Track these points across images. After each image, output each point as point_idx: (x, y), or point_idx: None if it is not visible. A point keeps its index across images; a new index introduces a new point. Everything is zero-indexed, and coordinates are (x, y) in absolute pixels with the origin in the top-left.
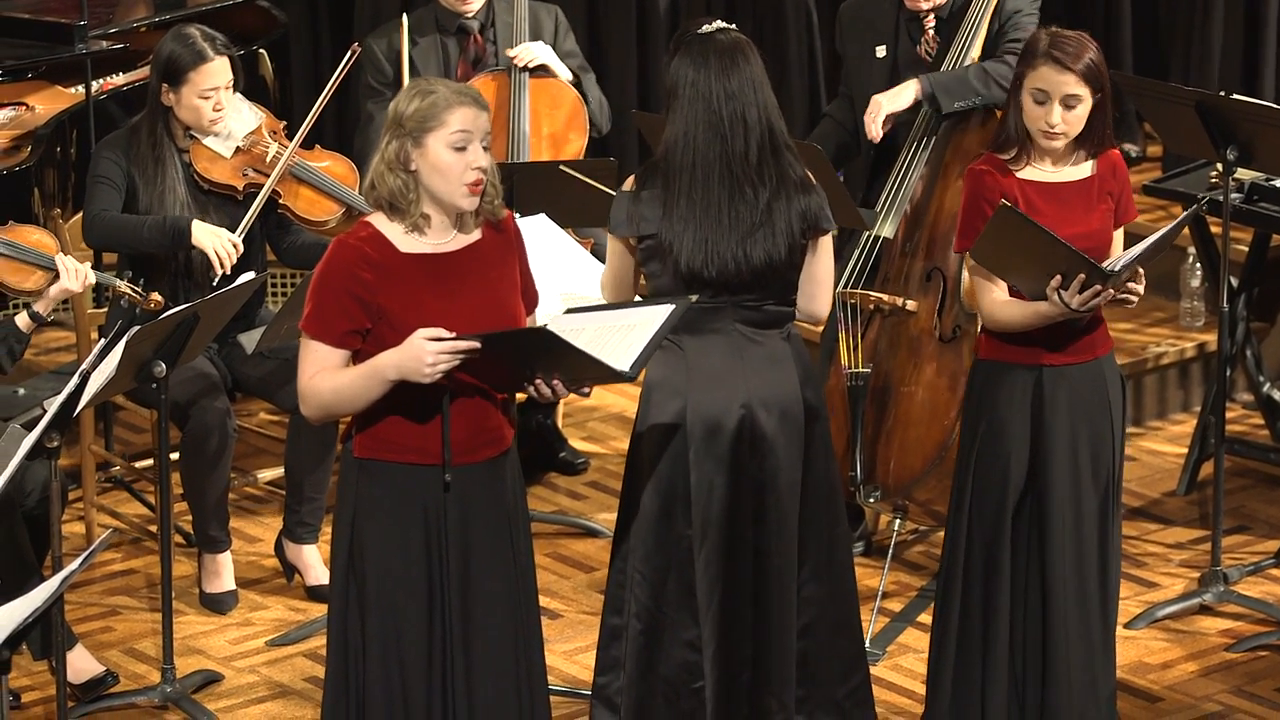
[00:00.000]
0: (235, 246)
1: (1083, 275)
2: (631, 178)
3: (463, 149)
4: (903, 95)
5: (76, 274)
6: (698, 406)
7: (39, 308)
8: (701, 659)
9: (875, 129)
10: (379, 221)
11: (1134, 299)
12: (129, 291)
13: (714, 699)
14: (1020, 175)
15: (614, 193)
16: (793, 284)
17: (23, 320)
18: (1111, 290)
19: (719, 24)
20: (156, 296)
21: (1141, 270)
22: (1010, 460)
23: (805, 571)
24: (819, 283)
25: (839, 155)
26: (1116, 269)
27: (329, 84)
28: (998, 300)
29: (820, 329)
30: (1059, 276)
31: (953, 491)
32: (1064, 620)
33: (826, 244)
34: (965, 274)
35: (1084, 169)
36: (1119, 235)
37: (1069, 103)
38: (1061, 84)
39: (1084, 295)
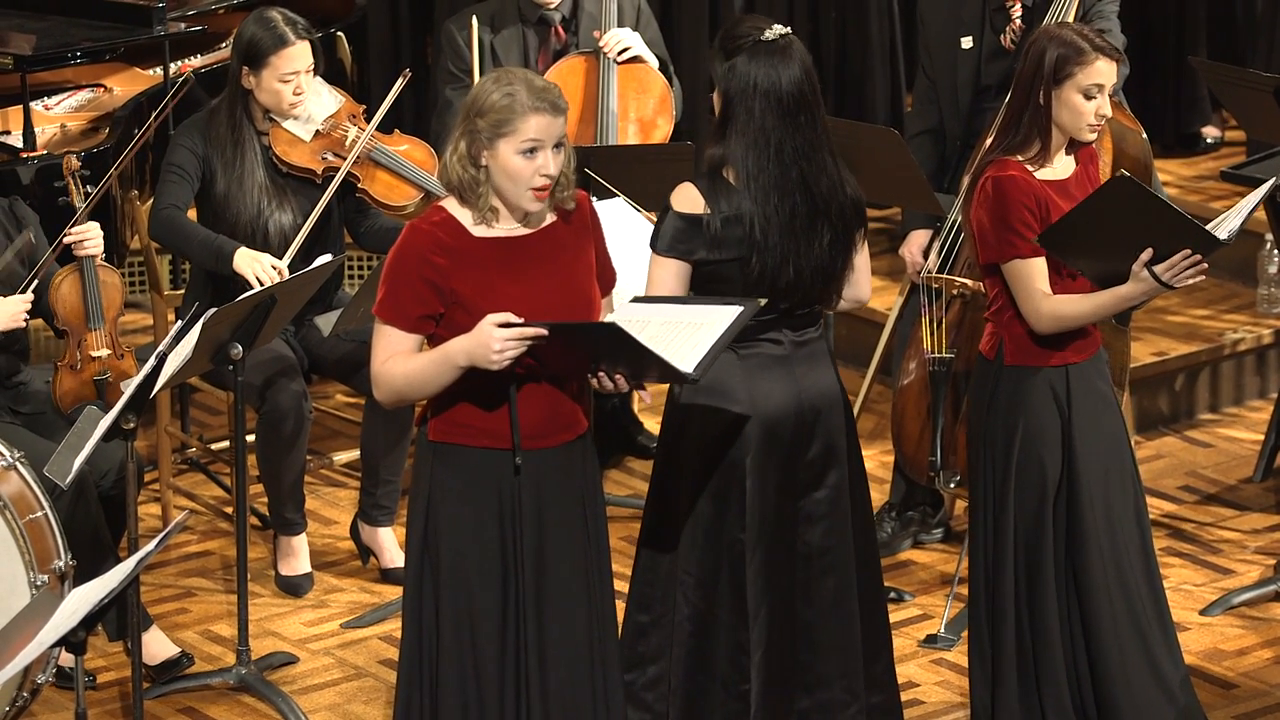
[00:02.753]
0: (279, 272)
1: (1187, 250)
2: (690, 194)
3: (532, 155)
4: None
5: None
6: (758, 413)
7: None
8: (749, 662)
9: None
10: (452, 206)
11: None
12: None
13: (757, 701)
14: (1039, 176)
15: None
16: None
17: None
18: (1205, 265)
19: (779, 29)
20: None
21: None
22: (1047, 461)
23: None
24: (861, 269)
25: (941, 169)
26: (1224, 237)
27: (388, 96)
28: (1054, 299)
29: (891, 313)
30: (1149, 251)
31: (987, 496)
32: (1111, 612)
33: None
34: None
35: (1071, 162)
36: None
37: (1112, 90)
38: (1113, 74)
39: (1181, 266)
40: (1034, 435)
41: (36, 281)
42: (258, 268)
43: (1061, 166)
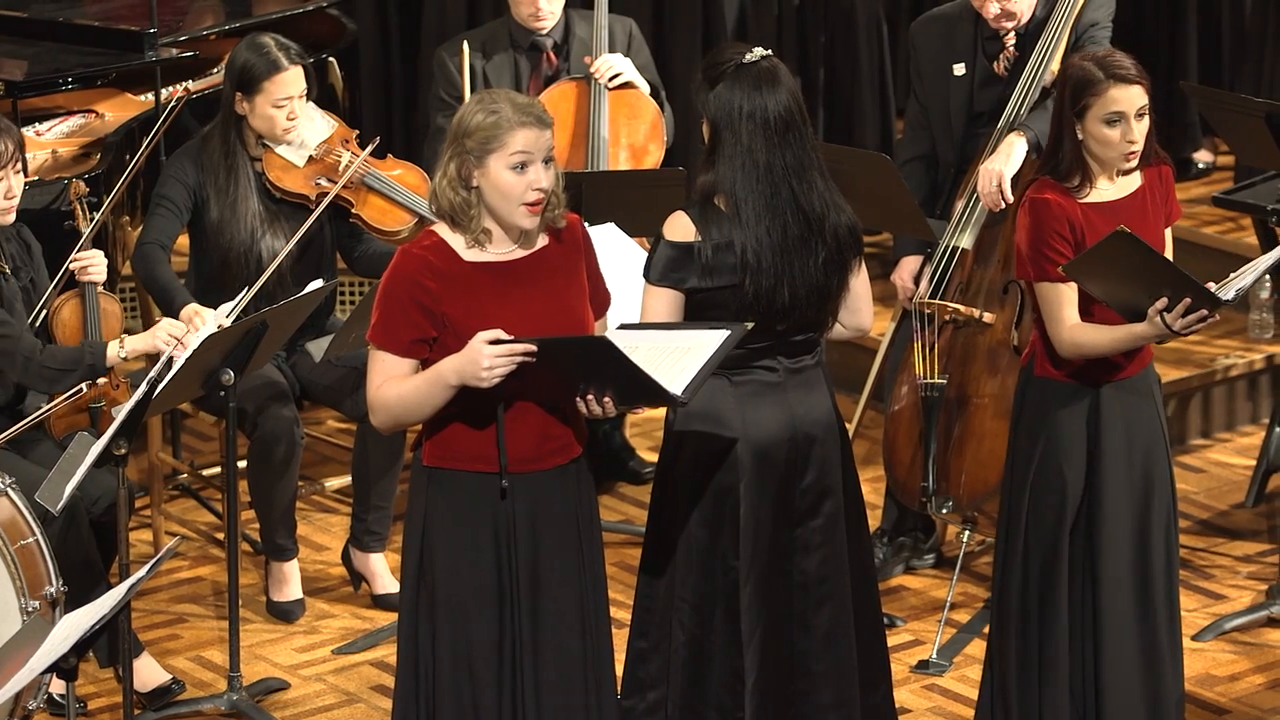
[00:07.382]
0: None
1: (1188, 299)
2: (682, 223)
3: (523, 170)
4: (1015, 155)
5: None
6: (749, 439)
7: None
8: (744, 688)
9: (1003, 199)
10: (443, 230)
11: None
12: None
13: None
14: (1082, 200)
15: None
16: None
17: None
18: (1216, 315)
19: (759, 51)
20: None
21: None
22: (1068, 477)
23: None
24: (861, 296)
25: (933, 195)
26: (1229, 297)
27: (368, 146)
28: (1076, 326)
29: (884, 339)
30: (1164, 299)
31: (1005, 509)
32: (1122, 632)
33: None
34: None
35: (1134, 181)
36: (1168, 235)
37: (1140, 114)
38: (1133, 99)
39: (1188, 319)
40: (1054, 450)
41: (45, 312)
42: (198, 320)
43: (1114, 188)
